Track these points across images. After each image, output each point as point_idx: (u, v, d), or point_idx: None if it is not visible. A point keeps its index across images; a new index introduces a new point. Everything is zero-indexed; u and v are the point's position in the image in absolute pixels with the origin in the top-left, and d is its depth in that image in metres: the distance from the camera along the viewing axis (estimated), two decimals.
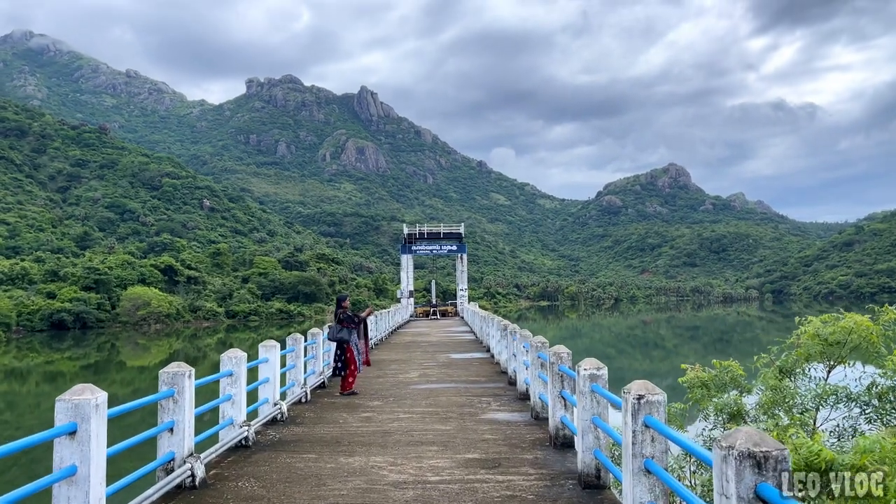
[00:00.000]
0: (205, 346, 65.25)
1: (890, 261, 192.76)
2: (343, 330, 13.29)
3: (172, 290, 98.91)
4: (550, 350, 8.12)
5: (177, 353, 60.36)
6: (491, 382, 14.58)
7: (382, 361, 19.77)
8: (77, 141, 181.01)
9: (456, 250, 59.78)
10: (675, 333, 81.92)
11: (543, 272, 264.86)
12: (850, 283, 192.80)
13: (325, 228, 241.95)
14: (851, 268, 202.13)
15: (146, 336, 77.19)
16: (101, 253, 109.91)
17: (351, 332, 13.28)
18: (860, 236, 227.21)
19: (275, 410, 9.99)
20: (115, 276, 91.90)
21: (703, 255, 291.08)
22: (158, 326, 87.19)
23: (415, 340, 28.50)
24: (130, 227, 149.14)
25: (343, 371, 13.25)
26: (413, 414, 10.66)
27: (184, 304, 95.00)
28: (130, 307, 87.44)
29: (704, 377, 7.44)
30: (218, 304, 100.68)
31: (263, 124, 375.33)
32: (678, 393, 30.77)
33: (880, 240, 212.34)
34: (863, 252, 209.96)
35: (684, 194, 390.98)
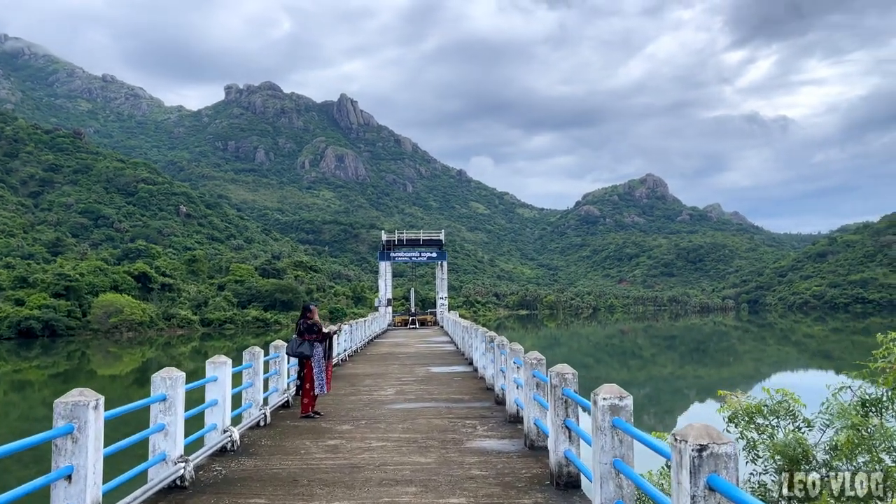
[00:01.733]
0: (179, 355, 63.42)
1: (863, 272, 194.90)
2: (304, 343, 11.74)
3: (146, 297, 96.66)
4: (552, 370, 6.85)
5: (150, 361, 58.65)
6: (476, 401, 13.15)
7: (356, 376, 18.18)
8: (50, 145, 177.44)
9: (436, 258, 58.50)
10: (653, 343, 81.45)
11: (522, 281, 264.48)
12: (824, 293, 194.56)
13: (303, 236, 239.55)
14: (825, 278, 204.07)
15: (118, 344, 75.02)
16: (72, 259, 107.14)
17: (314, 347, 11.72)
18: (833, 247, 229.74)
19: (224, 439, 8.53)
20: (87, 282, 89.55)
21: (679, 265, 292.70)
22: (131, 334, 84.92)
23: (392, 352, 26.96)
24: (104, 233, 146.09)
25: (301, 389, 11.84)
26: (387, 442, 9.27)
27: (157, 312, 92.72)
28: (102, 315, 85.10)
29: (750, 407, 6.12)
30: (193, 311, 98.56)
31: (242, 131, 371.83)
32: (656, 402, 28.89)
33: (853, 251, 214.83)
34: (836, 263, 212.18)
35: (661, 205, 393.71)
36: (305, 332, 11.72)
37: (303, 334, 11.74)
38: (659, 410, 32.24)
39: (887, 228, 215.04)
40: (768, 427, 5.96)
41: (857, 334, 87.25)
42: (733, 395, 6.52)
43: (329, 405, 12.48)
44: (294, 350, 11.77)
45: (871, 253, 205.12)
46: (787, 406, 5.97)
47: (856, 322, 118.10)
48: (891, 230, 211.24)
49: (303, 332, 11.75)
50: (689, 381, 42.82)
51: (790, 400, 5.98)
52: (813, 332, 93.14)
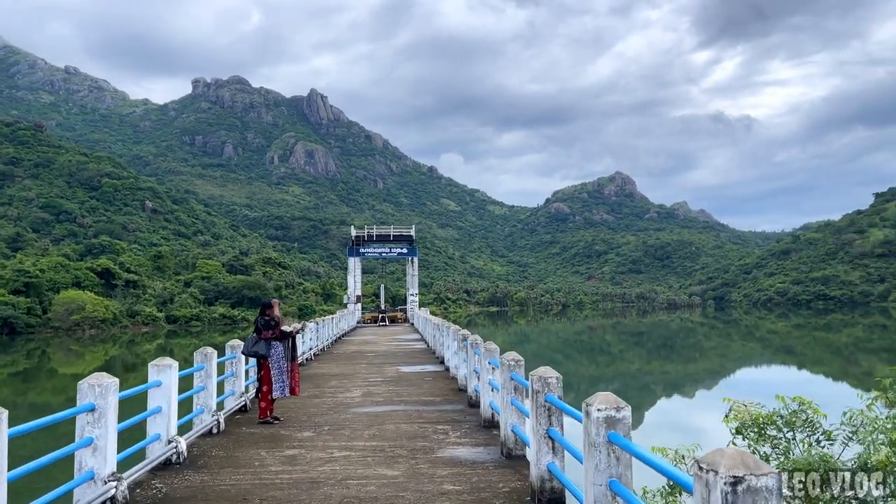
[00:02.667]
0: (143, 353, 61.85)
1: (824, 269, 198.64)
2: (260, 342, 10.83)
3: (109, 294, 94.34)
4: (534, 374, 6.16)
5: (113, 359, 57.20)
6: (448, 403, 12.41)
7: (321, 376, 17.25)
8: (10, 138, 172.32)
9: (406, 253, 57.78)
10: (621, 339, 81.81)
11: (493, 278, 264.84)
12: (788, 290, 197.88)
13: (272, 232, 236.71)
14: (788, 275, 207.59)
15: (80, 342, 73.08)
16: (33, 255, 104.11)
17: (270, 346, 10.82)
18: (796, 245, 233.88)
19: (168, 450, 7.71)
20: (48, 279, 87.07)
21: (647, 262, 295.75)
22: (93, 332, 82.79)
23: (361, 350, 26.15)
24: (66, 228, 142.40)
25: (259, 392, 10.96)
26: (352, 451, 8.50)
27: (121, 309, 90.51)
28: (63, 312, 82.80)
29: (761, 417, 5.40)
30: (158, 308, 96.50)
31: (210, 125, 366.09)
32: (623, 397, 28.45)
33: (815, 249, 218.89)
34: (799, 260, 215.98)
35: (630, 202, 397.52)
36: (263, 329, 10.87)
37: (260, 332, 10.88)
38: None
39: (848, 227, 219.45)
40: (782, 440, 5.23)
41: (819, 330, 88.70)
42: (741, 402, 5.66)
43: (290, 409, 11.68)
44: (249, 349, 10.91)
45: (833, 251, 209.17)
46: (806, 416, 5.28)
47: (817, 318, 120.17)
48: (851, 228, 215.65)
49: (260, 330, 10.89)
50: (656, 377, 42.82)
51: (808, 409, 5.26)
52: (776, 329, 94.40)
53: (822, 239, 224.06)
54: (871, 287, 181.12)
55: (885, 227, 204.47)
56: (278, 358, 10.85)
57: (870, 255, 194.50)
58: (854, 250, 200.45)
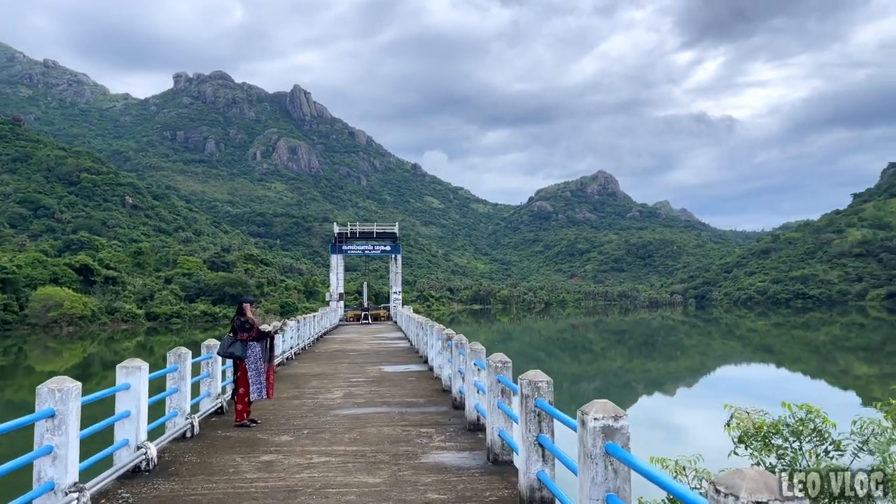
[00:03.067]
0: (123, 350, 61.10)
1: (803, 268, 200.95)
2: (236, 343, 10.50)
3: (88, 290, 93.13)
4: (523, 377, 5.87)
5: (91, 357, 56.51)
6: (432, 405, 12.07)
7: (301, 376, 16.83)
8: None
9: (389, 251, 57.42)
10: (603, 337, 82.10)
11: (476, 276, 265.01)
12: (767, 289, 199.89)
13: (254, 229, 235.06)
14: (768, 274, 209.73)
15: (57, 339, 72.08)
16: (10, 251, 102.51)
17: (247, 347, 10.49)
18: (776, 244, 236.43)
19: (137, 457, 7.33)
20: (25, 275, 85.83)
21: (629, 261, 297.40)
22: (71, 329, 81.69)
23: (342, 349, 25.78)
24: (45, 223, 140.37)
25: (236, 393, 10.61)
26: (331, 456, 8.13)
27: (100, 306, 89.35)
28: (40, 308, 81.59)
29: (765, 426, 5.06)
30: (138, 305, 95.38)
31: (191, 121, 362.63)
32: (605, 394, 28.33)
33: (794, 248, 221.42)
34: (778, 259, 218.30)
35: (612, 201, 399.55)
36: (239, 330, 10.54)
37: (237, 332, 10.56)
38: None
39: (826, 226, 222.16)
40: (788, 451, 4.95)
41: (798, 329, 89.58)
42: (743, 410, 5.41)
43: (268, 411, 11.32)
44: (225, 350, 10.56)
45: (812, 250, 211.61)
46: (814, 425, 4.95)
47: (796, 317, 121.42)
48: (829, 228, 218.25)
49: (236, 331, 10.56)
50: (637, 375, 42.92)
51: (816, 418, 4.94)
52: (756, 327, 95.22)
53: (802, 238, 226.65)
54: (849, 286, 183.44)
55: (862, 228, 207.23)
56: (255, 359, 10.53)
57: (848, 254, 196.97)
58: (832, 250, 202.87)
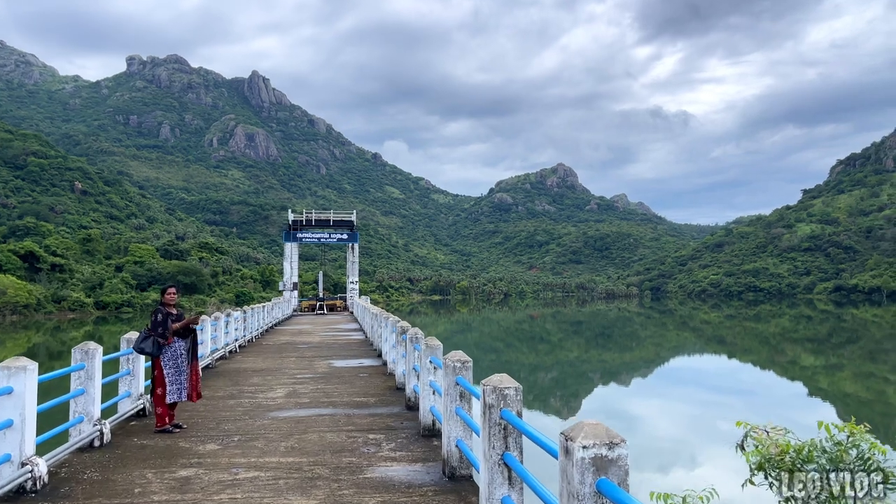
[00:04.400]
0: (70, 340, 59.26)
1: (755, 262, 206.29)
2: (149, 338, 9.24)
3: (33, 278, 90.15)
4: (487, 383, 5.04)
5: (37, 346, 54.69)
6: (383, 405, 11.17)
7: (242, 372, 15.61)
8: None
9: (347, 239, 56.76)
10: (561, 328, 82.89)
11: (436, 266, 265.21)
12: (721, 281, 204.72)
13: (209, 216, 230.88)
14: (721, 268, 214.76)
15: (0, 328, 69.66)
16: None
17: (158, 344, 9.25)
18: (729, 238, 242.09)
19: (20, 476, 6.22)
20: None
21: (587, 253, 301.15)
22: (15, 318, 79.03)
23: (292, 341, 24.72)
24: None
25: (152, 394, 9.40)
26: (262, 470, 7.11)
27: (46, 294, 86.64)
28: None
29: (789, 450, 4.10)
30: (86, 293, 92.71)
31: (145, 105, 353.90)
32: (563, 385, 28.80)
33: (746, 242, 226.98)
34: (731, 253, 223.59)
35: (571, 194, 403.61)
36: (155, 323, 9.32)
37: (152, 326, 9.31)
38: (565, 394, 32.41)
39: (777, 221, 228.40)
40: (820, 482, 3.88)
41: (749, 321, 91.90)
42: (761, 427, 4.51)
43: (199, 413, 10.40)
44: (137, 345, 9.35)
45: (763, 244, 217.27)
46: (857, 451, 3.95)
47: (748, 309, 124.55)
48: (780, 223, 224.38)
49: (158, 323, 9.31)
50: (593, 365, 43.49)
51: (861, 441, 3.98)
52: (709, 319, 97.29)
53: (754, 233, 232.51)
54: (798, 279, 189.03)
55: (811, 223, 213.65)
56: (176, 356, 9.34)
57: (797, 248, 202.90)
58: (783, 244, 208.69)
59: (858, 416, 4.27)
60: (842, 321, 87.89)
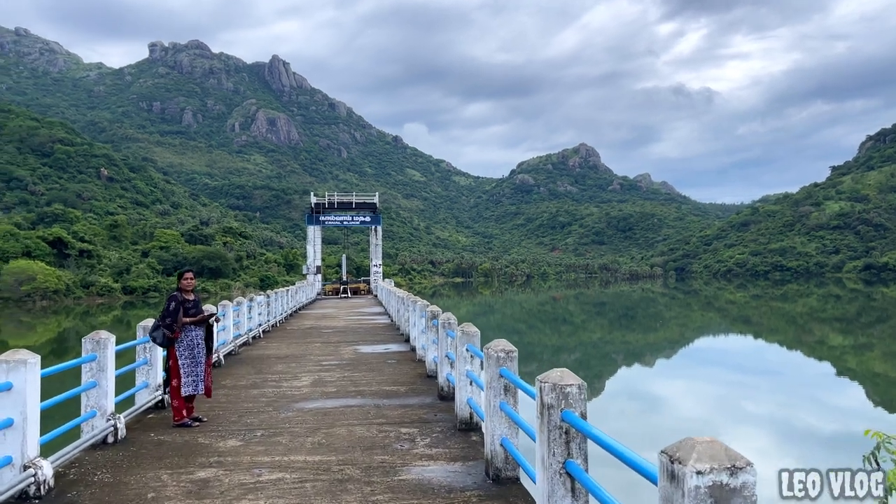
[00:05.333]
0: (99, 324, 60.21)
1: (782, 241, 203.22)
2: (157, 329, 8.69)
3: (62, 264, 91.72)
4: (546, 379, 4.39)
5: (67, 331, 55.74)
6: (414, 395, 10.56)
7: (266, 359, 15.08)
8: None
9: (369, 222, 56.71)
10: (584, 309, 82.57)
11: (458, 249, 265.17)
12: (747, 261, 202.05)
13: (233, 201, 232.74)
14: (747, 247, 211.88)
15: (31, 313, 71.01)
16: None
17: (166, 336, 8.68)
18: (755, 217, 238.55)
19: (22, 480, 5.68)
20: None
21: (610, 234, 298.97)
22: (45, 303, 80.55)
23: (317, 326, 24.28)
24: (17, 196, 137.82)
25: (167, 386, 8.88)
26: (287, 471, 6.54)
27: (75, 280, 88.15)
28: (13, 282, 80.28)
29: None
30: (114, 279, 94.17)
31: (168, 91, 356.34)
32: (585, 366, 28.72)
33: (773, 221, 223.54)
34: (758, 232, 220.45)
35: (594, 174, 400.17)
36: (166, 313, 8.68)
37: (164, 315, 8.68)
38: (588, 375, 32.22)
39: (805, 199, 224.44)
40: None
41: (776, 301, 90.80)
42: None
43: (220, 404, 9.90)
44: (148, 333, 8.87)
45: (791, 223, 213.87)
46: None
47: (774, 289, 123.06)
48: (808, 201, 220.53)
49: (169, 313, 8.65)
50: (617, 346, 43.27)
51: None
52: (735, 299, 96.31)
53: (781, 211, 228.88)
54: (826, 258, 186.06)
55: (840, 200, 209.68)
56: (191, 346, 8.77)
57: (826, 226, 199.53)
58: (810, 222, 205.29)
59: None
60: (871, 300, 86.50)
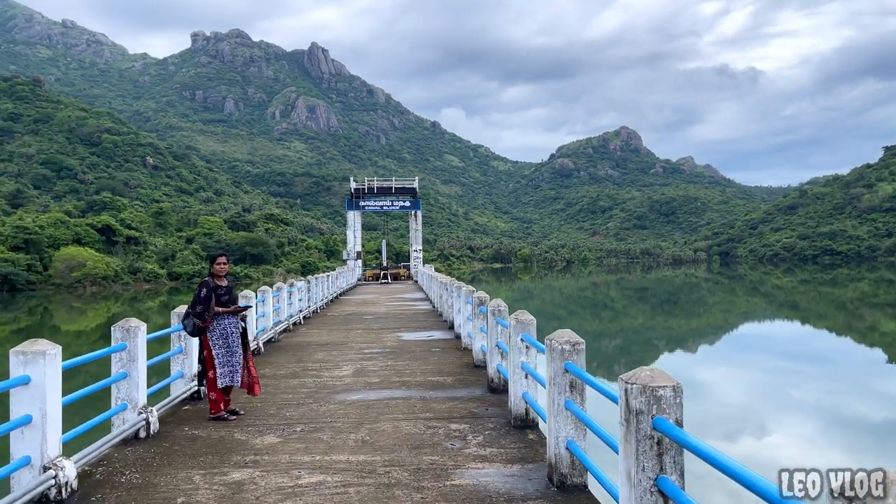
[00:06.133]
0: (146, 310, 61.66)
1: (832, 224, 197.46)
2: (187, 317, 8.22)
3: (110, 250, 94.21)
4: (633, 378, 3.69)
5: (116, 316, 56.95)
6: (462, 387, 9.93)
7: (307, 347, 14.72)
8: (9, 93, 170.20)
9: (409, 207, 56.55)
10: (625, 295, 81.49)
11: (497, 234, 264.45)
12: (794, 245, 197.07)
13: (274, 188, 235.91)
14: (795, 230, 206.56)
15: (81, 299, 72.99)
16: (33, 212, 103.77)
17: (196, 326, 8.19)
18: (803, 200, 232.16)
19: (42, 482, 5.18)
20: (47, 235, 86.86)
21: (652, 218, 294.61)
22: (94, 289, 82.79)
23: (358, 311, 24.06)
24: (68, 184, 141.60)
25: (204, 378, 8.31)
26: (328, 473, 6.03)
27: (122, 266, 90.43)
28: (64, 269, 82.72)
29: None
30: (160, 265, 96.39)
31: (210, 80, 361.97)
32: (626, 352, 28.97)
33: (822, 203, 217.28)
34: (806, 215, 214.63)
35: (635, 157, 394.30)
36: (196, 300, 8.17)
37: (195, 303, 8.16)
38: (629, 361, 31.78)
39: (856, 181, 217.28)
40: None
41: (825, 286, 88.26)
42: None
43: (259, 395, 9.48)
44: (181, 321, 8.39)
45: (841, 205, 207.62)
46: None
47: (824, 273, 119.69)
48: (860, 182, 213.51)
49: (201, 300, 8.14)
50: (658, 332, 42.53)
51: None
52: (782, 284, 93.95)
53: (830, 193, 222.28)
54: (879, 242, 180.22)
55: (894, 181, 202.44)
56: (225, 334, 8.20)
57: (878, 209, 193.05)
58: (862, 205, 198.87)
59: None
60: None
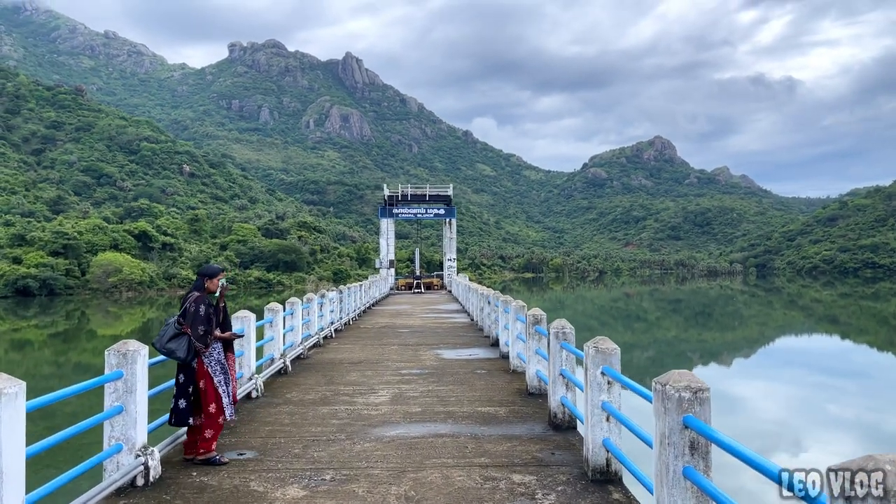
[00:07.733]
0: None
1: (873, 236, 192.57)
2: (178, 337, 6.34)
3: (146, 256, 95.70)
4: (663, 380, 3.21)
5: (151, 321, 57.64)
6: (518, 420, 8.34)
7: (338, 364, 13.47)
8: (52, 102, 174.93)
9: (443, 214, 55.81)
10: (658, 306, 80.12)
11: (528, 244, 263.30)
12: (834, 258, 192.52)
13: (307, 196, 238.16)
14: (835, 243, 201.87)
15: (117, 304, 74.04)
16: (73, 217, 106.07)
17: (194, 350, 6.38)
18: (844, 211, 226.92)
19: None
20: (86, 241, 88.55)
21: (687, 229, 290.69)
22: (130, 294, 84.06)
23: (392, 324, 22.70)
24: (107, 191, 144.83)
25: (189, 416, 6.47)
26: None
27: (158, 272, 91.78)
28: (101, 274, 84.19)
29: None
30: (194, 271, 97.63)
31: (246, 90, 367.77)
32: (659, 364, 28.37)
33: (864, 215, 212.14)
34: (846, 227, 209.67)
35: (669, 167, 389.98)
36: (185, 315, 6.47)
37: (200, 323, 6.46)
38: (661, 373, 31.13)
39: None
40: None
41: (866, 299, 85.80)
42: None
43: (284, 426, 8.06)
44: (163, 344, 6.35)
45: (883, 217, 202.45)
46: None
47: (865, 287, 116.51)
48: None
49: (202, 320, 6.47)
50: (692, 345, 41.62)
51: None
52: (821, 297, 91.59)
53: (872, 205, 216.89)
54: None
55: None
56: (220, 359, 6.66)
57: None
58: None
59: None
60: None
